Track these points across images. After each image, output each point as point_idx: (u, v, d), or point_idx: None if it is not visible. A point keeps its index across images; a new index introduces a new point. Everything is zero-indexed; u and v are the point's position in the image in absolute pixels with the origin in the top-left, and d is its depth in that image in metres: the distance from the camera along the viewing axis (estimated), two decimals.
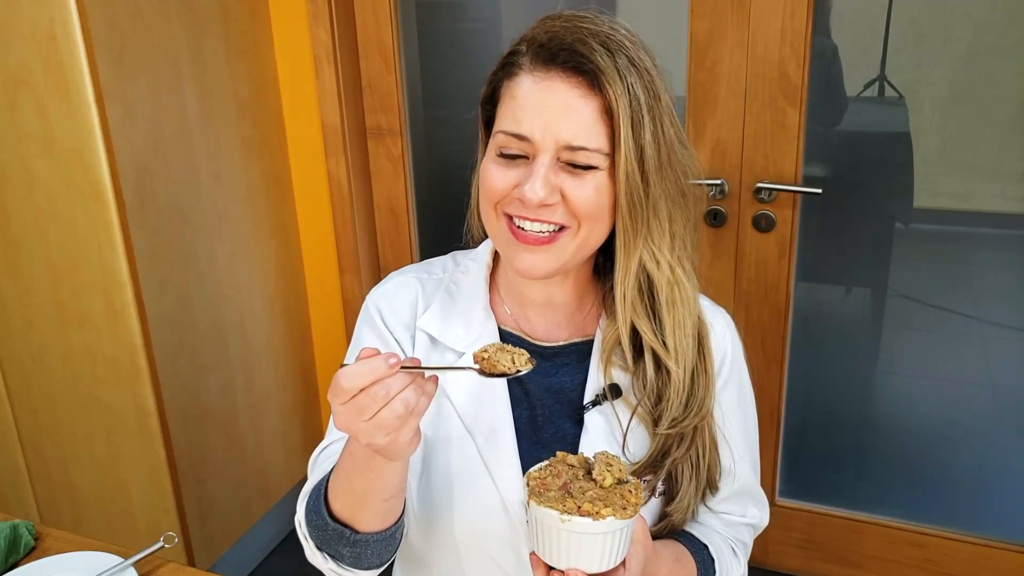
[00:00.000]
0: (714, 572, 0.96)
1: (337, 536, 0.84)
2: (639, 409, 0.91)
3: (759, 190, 1.80)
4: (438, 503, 0.95)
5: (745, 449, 1.00)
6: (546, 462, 0.81)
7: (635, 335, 0.91)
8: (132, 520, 1.94)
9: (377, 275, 2.26)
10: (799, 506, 2.04)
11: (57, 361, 1.83)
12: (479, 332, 0.96)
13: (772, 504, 2.05)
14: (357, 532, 0.83)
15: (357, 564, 0.87)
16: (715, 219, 1.85)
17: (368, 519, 0.83)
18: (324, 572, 0.90)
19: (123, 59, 1.64)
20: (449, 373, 0.94)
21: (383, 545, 0.86)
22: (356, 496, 0.82)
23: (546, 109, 0.82)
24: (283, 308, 2.20)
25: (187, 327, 1.87)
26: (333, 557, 0.87)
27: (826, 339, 2.00)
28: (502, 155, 0.85)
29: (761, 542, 2.17)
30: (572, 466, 0.80)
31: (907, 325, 1.92)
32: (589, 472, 0.79)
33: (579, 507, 0.74)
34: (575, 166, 0.83)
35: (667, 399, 0.90)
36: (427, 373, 0.74)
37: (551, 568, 0.78)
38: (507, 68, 0.87)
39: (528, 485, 0.78)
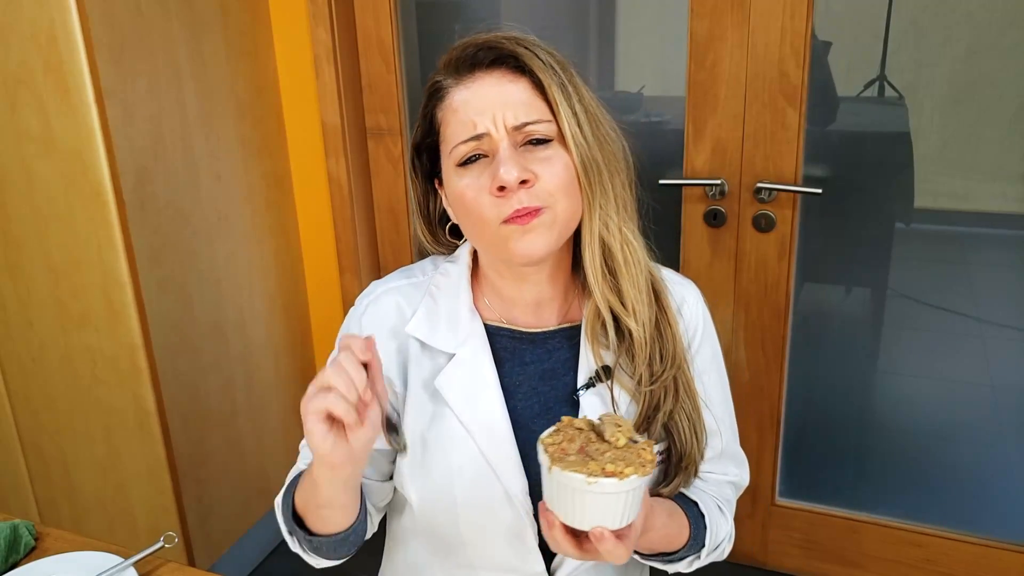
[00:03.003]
0: (704, 526, 0.98)
1: (292, 528, 0.95)
2: (626, 383, 0.95)
3: (759, 190, 1.80)
4: (442, 504, 0.96)
5: (724, 410, 1.05)
6: (553, 427, 0.83)
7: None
8: (132, 520, 1.94)
9: (377, 275, 2.23)
10: (799, 506, 2.04)
11: (57, 361, 1.83)
12: (467, 332, 0.98)
13: (772, 504, 2.05)
14: (308, 530, 0.93)
15: (316, 552, 0.96)
16: (715, 219, 1.85)
17: (311, 520, 0.92)
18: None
19: (123, 59, 1.64)
20: (442, 374, 0.97)
21: (331, 546, 0.94)
22: (302, 498, 0.92)
23: (486, 103, 0.89)
24: (283, 308, 2.20)
25: (187, 327, 1.87)
26: (298, 541, 0.96)
27: (826, 339, 2.00)
28: (463, 164, 0.90)
29: (761, 542, 2.17)
30: (580, 429, 0.82)
31: (907, 325, 1.92)
32: (597, 434, 0.81)
33: (603, 468, 0.75)
34: (533, 142, 0.88)
35: (636, 357, 0.93)
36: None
37: (570, 529, 0.80)
38: (434, 96, 0.93)
39: (547, 452, 0.79)
